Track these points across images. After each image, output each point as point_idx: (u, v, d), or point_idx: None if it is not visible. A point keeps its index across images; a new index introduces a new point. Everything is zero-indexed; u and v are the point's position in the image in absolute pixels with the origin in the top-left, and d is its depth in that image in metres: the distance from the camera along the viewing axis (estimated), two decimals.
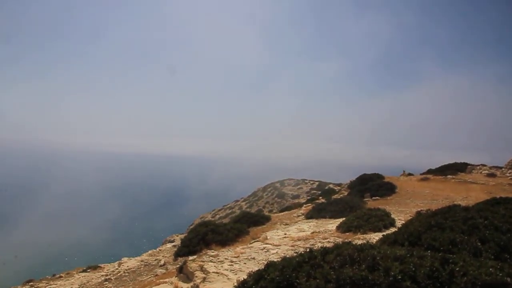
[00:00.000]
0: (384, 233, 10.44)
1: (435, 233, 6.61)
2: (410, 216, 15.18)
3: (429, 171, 36.22)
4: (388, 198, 24.00)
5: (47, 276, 19.32)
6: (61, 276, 18.38)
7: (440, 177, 31.01)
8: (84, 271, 18.64)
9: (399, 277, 4.23)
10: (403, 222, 12.75)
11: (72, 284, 15.13)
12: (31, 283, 17.11)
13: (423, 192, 24.74)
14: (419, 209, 16.48)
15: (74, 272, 18.96)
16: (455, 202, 16.08)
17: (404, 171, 37.64)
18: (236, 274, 8.16)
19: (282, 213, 26.27)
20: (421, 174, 35.90)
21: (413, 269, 4.30)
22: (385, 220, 13.76)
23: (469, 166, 35.15)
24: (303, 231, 14.90)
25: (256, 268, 6.85)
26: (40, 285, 16.42)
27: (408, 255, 4.74)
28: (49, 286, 15.52)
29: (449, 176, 30.90)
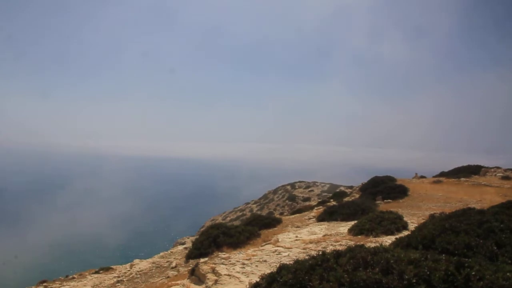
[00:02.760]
0: (397, 236, 10.33)
1: (449, 236, 6.53)
2: (423, 219, 15.00)
3: (442, 174, 35.79)
4: (400, 201, 23.75)
5: (60, 277, 19.56)
6: (73, 277, 18.59)
7: (453, 179, 30.60)
8: (96, 272, 18.82)
9: (414, 280, 4.19)
10: (416, 225, 12.63)
11: (84, 285, 15.30)
12: (45, 284, 17.34)
13: (436, 195, 24.42)
14: (432, 212, 16.27)
15: (86, 273, 19.16)
16: (469, 205, 15.88)
17: (416, 174, 37.25)
18: (248, 277, 8.16)
19: (293, 216, 26.18)
20: (433, 176, 35.47)
21: (428, 272, 4.26)
22: (397, 223, 13.61)
23: (483, 169, 34.61)
24: (315, 234, 14.83)
25: (268, 271, 6.85)
26: (54, 285, 16.63)
27: (423, 258, 4.69)
28: (63, 287, 15.72)
29: (462, 178, 30.47)
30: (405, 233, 11.95)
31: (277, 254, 10.68)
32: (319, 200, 47.19)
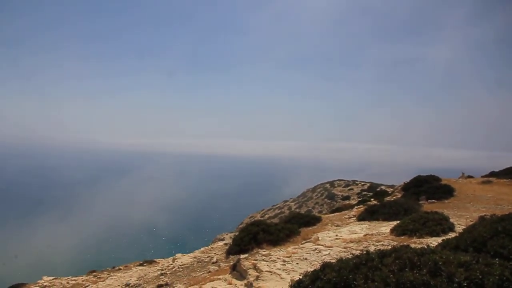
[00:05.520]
0: (443, 238, 9.96)
1: (503, 240, 6.21)
2: (471, 221, 14.34)
3: (492, 174, 33.95)
4: (446, 201, 22.82)
5: (107, 268, 20.55)
6: (120, 269, 19.47)
7: (505, 180, 28.94)
8: (140, 264, 19.61)
9: (465, 284, 4.04)
10: (464, 227, 12.10)
11: (131, 276, 15.97)
12: (94, 273, 18.30)
13: (485, 196, 23.24)
14: (481, 214, 15.52)
15: (131, 265, 19.99)
16: None
17: (463, 173, 35.56)
18: (289, 274, 8.19)
19: (333, 214, 25.90)
20: (482, 176, 33.72)
21: (480, 276, 4.09)
22: (443, 224, 13.09)
23: None
24: (355, 233, 14.59)
25: (309, 269, 6.84)
26: (102, 275, 17.50)
27: (474, 261, 4.51)
28: (111, 277, 16.51)
29: None
30: (452, 235, 11.50)
31: (317, 253, 10.63)
32: (359, 199, 46.34)
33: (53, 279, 18.08)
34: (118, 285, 14.84)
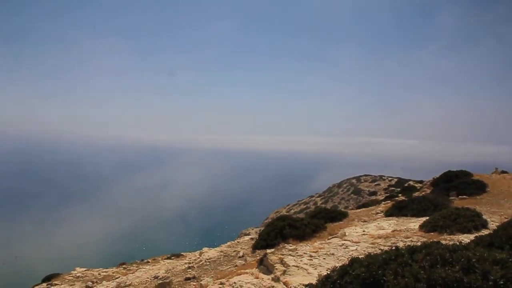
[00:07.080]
0: (476, 235, 9.67)
1: None
2: (506, 218, 13.85)
3: None
4: (478, 197, 22.06)
5: (136, 261, 21.10)
6: (148, 261, 19.94)
7: None
8: (168, 258, 20.01)
9: (501, 282, 3.91)
10: (498, 224, 11.70)
11: (159, 269, 16.33)
12: (124, 265, 18.83)
13: None
14: None
15: (159, 259, 20.44)
16: None
17: (496, 169, 34.26)
18: (316, 269, 8.17)
19: (360, 210, 25.57)
20: None
21: None
22: (475, 221, 12.68)
23: None
24: (383, 229, 14.37)
25: (336, 264, 6.80)
26: (132, 268, 17.99)
27: (510, 259, 4.36)
28: (140, 270, 16.93)
29: None
30: (485, 232, 11.15)
31: (344, 248, 10.55)
32: (387, 195, 45.55)
33: (85, 270, 18.73)
34: (147, 278, 15.19)
